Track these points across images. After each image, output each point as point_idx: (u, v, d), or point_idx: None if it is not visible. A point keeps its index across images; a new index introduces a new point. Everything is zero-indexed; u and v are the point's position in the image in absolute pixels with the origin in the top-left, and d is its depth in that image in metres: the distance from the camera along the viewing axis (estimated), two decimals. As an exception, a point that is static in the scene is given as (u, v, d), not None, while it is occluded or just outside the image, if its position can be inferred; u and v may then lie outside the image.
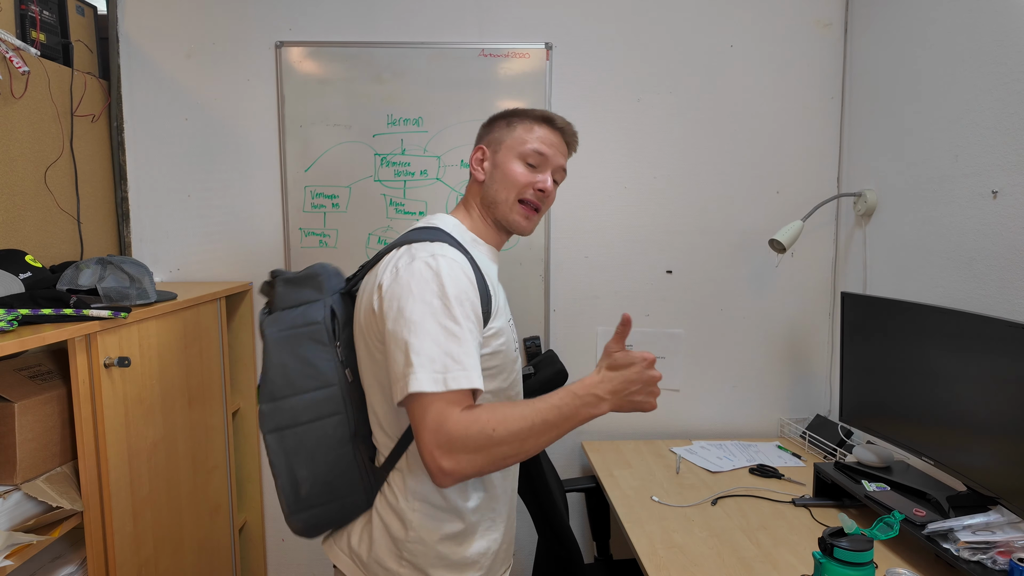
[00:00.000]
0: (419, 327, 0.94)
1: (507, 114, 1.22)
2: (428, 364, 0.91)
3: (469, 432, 0.89)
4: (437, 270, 0.98)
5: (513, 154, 1.18)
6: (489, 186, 1.19)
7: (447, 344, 0.93)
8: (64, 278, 1.40)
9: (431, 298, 0.96)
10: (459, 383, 0.91)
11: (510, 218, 1.18)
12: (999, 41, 1.49)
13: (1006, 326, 1.26)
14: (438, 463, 0.90)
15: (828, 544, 1.13)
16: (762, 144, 2.12)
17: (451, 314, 0.95)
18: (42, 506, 1.23)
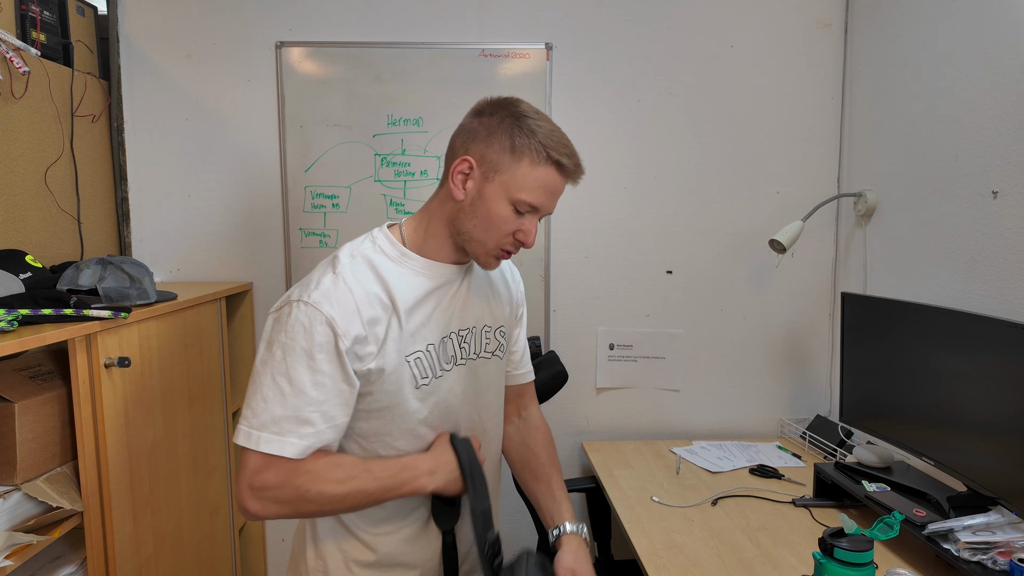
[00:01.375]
0: (257, 377, 0.94)
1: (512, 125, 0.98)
2: (251, 418, 0.92)
3: (282, 489, 0.92)
4: (291, 320, 0.93)
5: (505, 195, 0.98)
6: (467, 215, 1.00)
7: (272, 401, 0.92)
8: (64, 278, 1.40)
9: (275, 348, 0.94)
10: (269, 447, 0.91)
11: (480, 259, 1.05)
12: (999, 41, 1.49)
13: (1006, 326, 1.26)
14: (245, 504, 0.92)
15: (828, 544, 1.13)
16: (762, 144, 2.12)
17: (286, 370, 0.92)
18: (42, 506, 1.23)
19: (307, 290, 0.96)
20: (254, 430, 0.91)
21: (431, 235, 1.04)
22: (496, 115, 1.00)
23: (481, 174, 0.99)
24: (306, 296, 0.95)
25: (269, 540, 2.20)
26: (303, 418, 0.92)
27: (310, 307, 0.93)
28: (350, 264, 1.00)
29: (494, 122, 0.99)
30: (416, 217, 1.08)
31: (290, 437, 0.91)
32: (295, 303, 0.94)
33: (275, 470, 0.91)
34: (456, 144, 1.03)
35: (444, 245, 1.04)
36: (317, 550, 1.06)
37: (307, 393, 0.92)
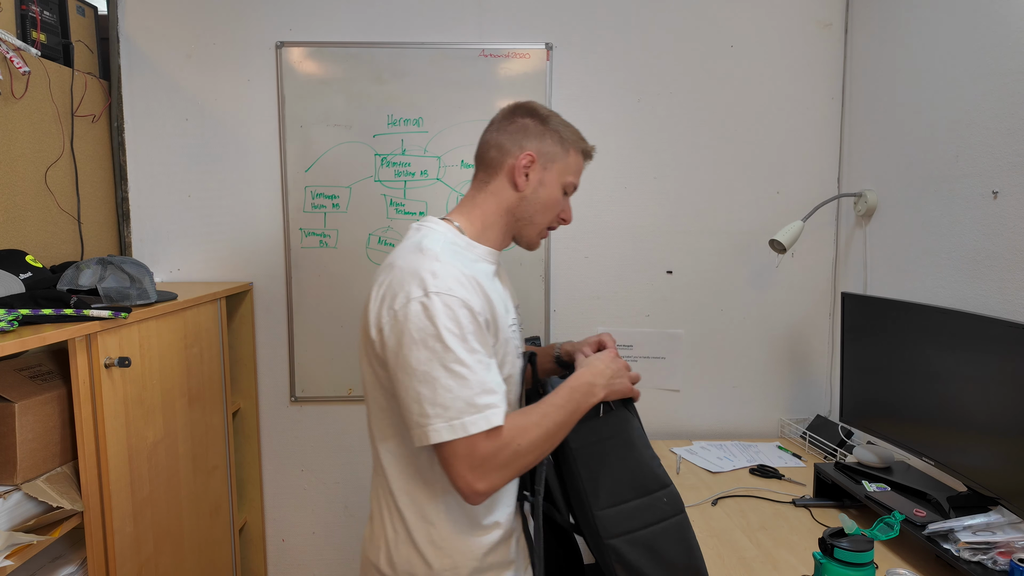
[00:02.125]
0: (426, 376, 0.96)
1: (554, 125, 1.16)
2: (443, 413, 0.94)
3: (499, 455, 0.97)
4: (433, 312, 0.96)
5: (560, 181, 1.16)
6: (529, 202, 1.15)
7: (458, 389, 0.95)
8: (64, 278, 1.40)
9: (432, 343, 0.96)
10: (478, 426, 0.95)
11: (533, 240, 1.19)
12: (999, 41, 1.49)
13: (1006, 326, 1.26)
14: (473, 486, 0.96)
15: (828, 544, 1.13)
16: (762, 144, 2.12)
17: (456, 356, 0.96)
18: (42, 506, 1.23)
19: (426, 282, 0.98)
20: (454, 420, 0.94)
21: (488, 225, 1.16)
22: (532, 116, 1.16)
23: (541, 165, 1.14)
24: (433, 287, 0.98)
25: (269, 540, 2.21)
26: (488, 390, 0.97)
27: (444, 295, 0.98)
28: (443, 251, 1.05)
29: (535, 123, 1.15)
30: (464, 213, 1.16)
31: (486, 411, 0.95)
32: (430, 295, 0.97)
33: (485, 443, 0.96)
34: (505, 143, 1.15)
35: (499, 233, 1.17)
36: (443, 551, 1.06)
37: (477, 370, 0.97)
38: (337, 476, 2.19)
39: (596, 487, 1.07)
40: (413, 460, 1.07)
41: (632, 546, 1.05)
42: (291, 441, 2.17)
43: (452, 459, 0.96)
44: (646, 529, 1.06)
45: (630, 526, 1.06)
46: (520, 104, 1.18)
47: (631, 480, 1.08)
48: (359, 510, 2.21)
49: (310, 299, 2.11)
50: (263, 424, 2.16)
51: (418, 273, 1.00)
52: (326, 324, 2.12)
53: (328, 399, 2.15)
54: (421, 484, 1.07)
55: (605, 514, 1.06)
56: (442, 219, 1.15)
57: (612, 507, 1.06)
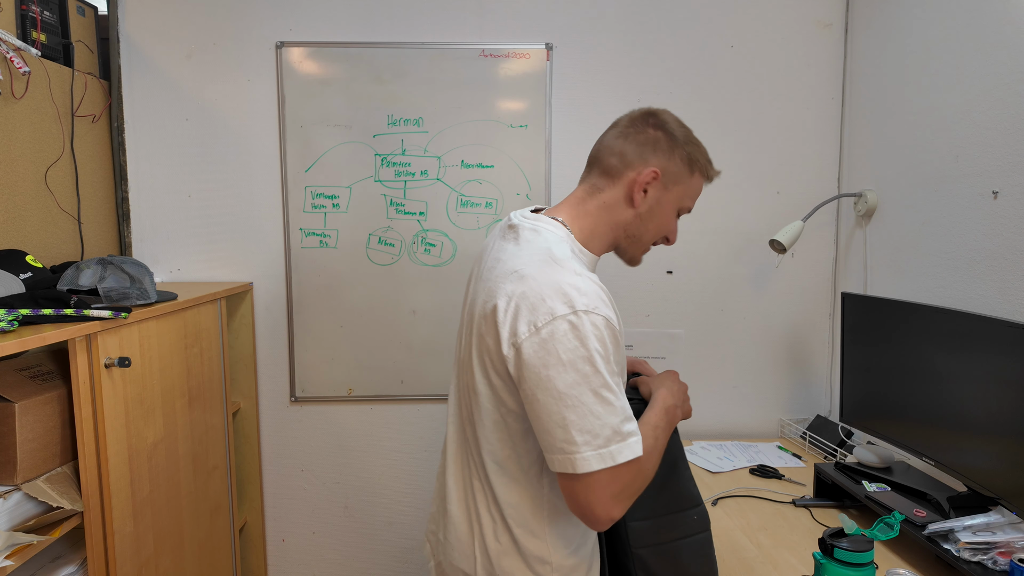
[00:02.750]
0: (575, 400, 0.91)
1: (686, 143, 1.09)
2: (592, 441, 0.90)
3: (634, 482, 0.95)
4: (583, 333, 0.91)
5: (678, 203, 1.11)
6: (644, 222, 1.09)
7: (605, 416, 0.91)
8: (65, 278, 1.40)
9: (582, 366, 0.91)
10: (624, 456, 0.91)
11: (636, 257, 1.15)
12: (999, 41, 1.49)
13: (1006, 326, 1.26)
14: (610, 513, 0.93)
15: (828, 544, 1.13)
16: (762, 144, 2.12)
17: (604, 380, 0.91)
18: (42, 506, 1.23)
19: (573, 300, 0.93)
20: (603, 449, 0.90)
21: (596, 235, 1.10)
22: (663, 129, 1.08)
23: (662, 184, 1.08)
24: (581, 305, 0.92)
25: (269, 540, 2.21)
26: (629, 416, 0.94)
27: (592, 315, 0.92)
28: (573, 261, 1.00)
29: (664, 136, 1.08)
30: (576, 217, 1.10)
31: (630, 439, 0.92)
32: (579, 314, 0.92)
33: (626, 471, 0.93)
34: (629, 154, 1.08)
35: (604, 244, 1.12)
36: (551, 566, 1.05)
37: (620, 395, 0.94)
38: (337, 476, 2.19)
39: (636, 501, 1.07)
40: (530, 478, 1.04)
41: (658, 556, 1.07)
42: (291, 441, 2.17)
43: (594, 487, 0.91)
44: (673, 543, 1.08)
45: (659, 539, 1.07)
46: (651, 112, 1.11)
47: (668, 498, 1.09)
48: (359, 510, 2.21)
49: (310, 299, 2.11)
50: (263, 424, 2.16)
51: (561, 287, 0.93)
52: (326, 324, 2.12)
53: (328, 399, 2.15)
54: (533, 501, 1.04)
55: (638, 525, 1.07)
56: (552, 217, 1.09)
57: (645, 520, 1.08)
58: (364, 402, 2.17)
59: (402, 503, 2.21)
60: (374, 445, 2.19)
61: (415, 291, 2.12)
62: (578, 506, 0.94)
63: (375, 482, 2.20)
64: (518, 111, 2.06)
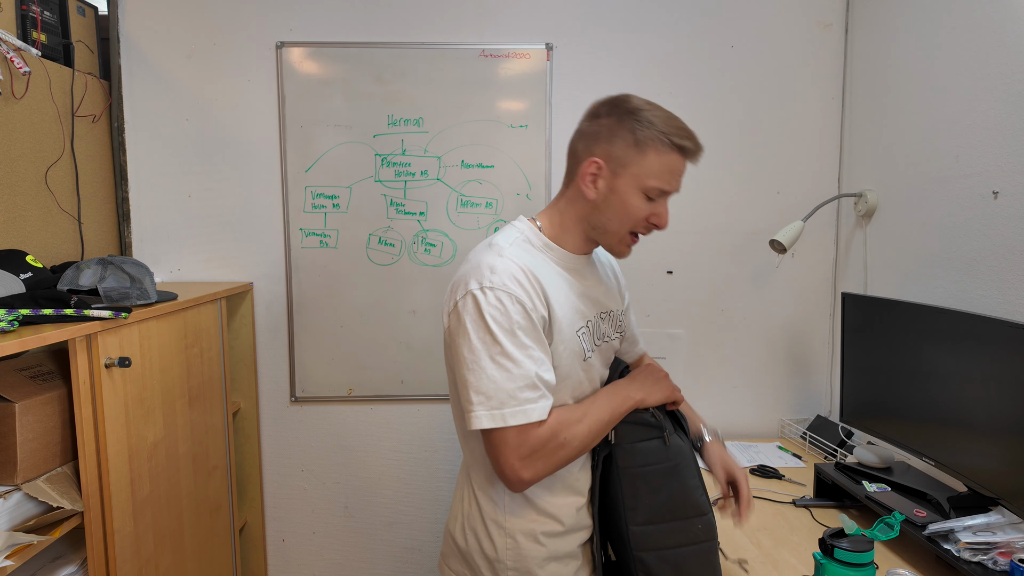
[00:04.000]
0: (474, 364, 1.00)
1: (631, 121, 1.05)
2: (485, 402, 0.99)
3: (547, 445, 1.01)
4: (483, 305, 1.00)
5: (636, 186, 1.06)
6: (601, 211, 1.09)
7: (501, 381, 0.98)
8: (65, 278, 1.40)
9: (482, 334, 1.00)
10: (516, 419, 0.98)
11: (614, 248, 1.14)
12: (999, 41, 1.49)
13: (1006, 326, 1.26)
14: (519, 474, 1.00)
15: (829, 545, 1.13)
16: (763, 144, 2.12)
17: (502, 348, 0.99)
18: (43, 506, 1.23)
19: (485, 277, 1.02)
20: (495, 410, 0.98)
21: (566, 230, 1.14)
22: (612, 115, 1.07)
23: (610, 171, 1.07)
24: (487, 282, 1.01)
25: (269, 540, 2.21)
26: (531, 384, 1.00)
27: (497, 290, 1.01)
28: (510, 249, 1.07)
29: (612, 122, 1.07)
30: (548, 214, 1.16)
31: (527, 405, 0.99)
32: (485, 290, 1.01)
33: (533, 434, 0.99)
34: (579, 148, 1.11)
35: (577, 238, 1.14)
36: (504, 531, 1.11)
37: (524, 364, 0.99)
38: (337, 476, 2.19)
39: (636, 504, 1.10)
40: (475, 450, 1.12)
41: (660, 562, 1.09)
42: (291, 441, 2.17)
43: (501, 446, 0.99)
44: (676, 549, 1.09)
45: (662, 544, 1.09)
46: (605, 100, 1.10)
47: (671, 505, 1.10)
48: (359, 510, 2.21)
49: (310, 299, 2.11)
50: (263, 424, 2.16)
51: (479, 267, 1.03)
52: (326, 324, 2.12)
53: (328, 399, 2.16)
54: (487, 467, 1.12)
55: (640, 529, 1.10)
56: (532, 217, 1.17)
57: (648, 524, 1.09)
58: (364, 402, 2.17)
59: (402, 503, 2.21)
60: (374, 445, 2.19)
61: (415, 291, 2.12)
62: (492, 464, 1.03)
63: (375, 482, 2.20)
64: (518, 111, 2.06)
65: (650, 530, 1.10)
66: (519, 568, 1.10)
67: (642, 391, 1.13)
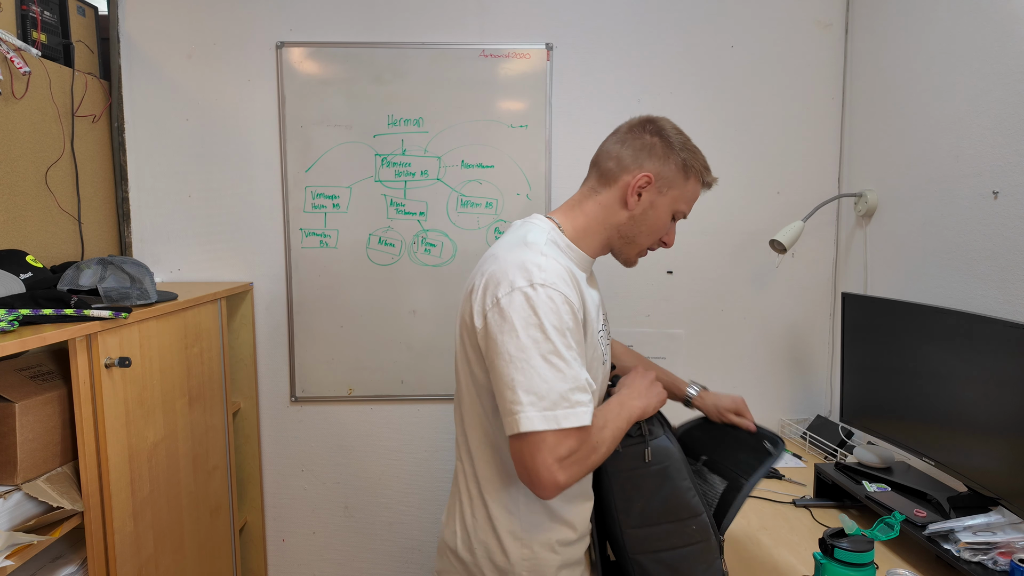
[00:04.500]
0: (525, 363, 0.96)
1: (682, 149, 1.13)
2: (537, 402, 0.95)
3: (580, 450, 0.97)
4: (536, 303, 0.97)
5: (671, 207, 1.14)
6: (637, 224, 1.14)
7: (554, 381, 0.96)
8: (65, 278, 1.40)
9: (534, 332, 0.97)
10: (569, 421, 0.95)
11: (631, 258, 1.20)
12: (1000, 41, 1.49)
13: (1006, 326, 1.26)
14: (555, 478, 0.95)
15: (829, 545, 1.13)
16: (763, 144, 2.12)
17: (554, 347, 0.96)
18: (43, 506, 1.23)
19: (534, 274, 1.00)
20: (548, 411, 0.95)
21: (589, 234, 1.15)
22: (658, 135, 1.13)
23: (656, 188, 1.12)
24: (539, 279, 0.99)
25: (269, 540, 2.21)
26: (582, 387, 0.98)
27: (548, 288, 0.99)
28: (548, 248, 1.07)
29: (661, 143, 1.12)
30: (569, 215, 1.16)
31: (579, 408, 0.96)
32: (535, 287, 0.98)
33: (573, 438, 0.96)
34: (625, 158, 1.13)
35: (596, 243, 1.16)
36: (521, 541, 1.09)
37: (573, 365, 0.98)
38: (337, 476, 2.19)
39: (628, 507, 1.10)
40: (503, 454, 1.09)
41: (657, 564, 1.10)
42: (291, 441, 2.17)
43: (539, 449, 0.95)
44: (673, 551, 1.09)
45: (657, 546, 1.10)
46: (650, 119, 1.15)
47: (663, 508, 1.10)
48: (359, 510, 2.21)
49: (310, 299, 2.11)
50: (263, 424, 2.16)
51: (524, 264, 1.01)
52: (326, 324, 2.12)
53: (328, 399, 2.15)
54: (507, 476, 1.09)
55: (634, 533, 1.10)
56: (547, 216, 1.17)
57: (642, 527, 1.10)
58: (364, 402, 2.17)
59: (402, 503, 2.21)
60: (374, 445, 2.19)
61: (415, 291, 2.12)
62: (524, 468, 0.97)
63: (375, 482, 2.20)
64: (518, 111, 2.06)
65: (645, 533, 1.10)
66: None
67: (645, 400, 1.13)
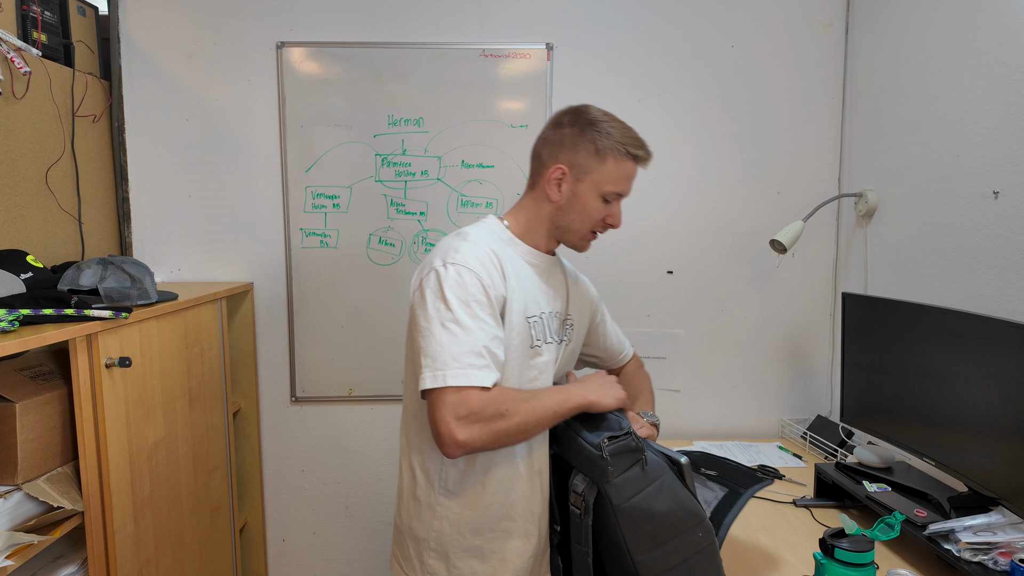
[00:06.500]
0: (427, 331, 1.05)
1: (592, 131, 1.16)
2: (431, 364, 1.03)
3: (485, 409, 1.02)
4: (443, 278, 1.07)
5: (596, 191, 1.18)
6: (564, 213, 1.20)
7: (448, 345, 1.03)
8: (65, 278, 1.40)
9: (438, 303, 1.06)
10: (457, 380, 1.01)
11: (576, 244, 1.24)
12: (1000, 41, 1.49)
13: (1007, 326, 1.26)
14: (454, 434, 1.00)
15: (829, 545, 1.13)
16: (763, 144, 2.12)
17: (453, 316, 1.04)
18: (43, 506, 1.23)
19: (449, 255, 1.10)
20: (439, 371, 1.02)
21: (531, 228, 1.23)
22: (575, 125, 1.18)
23: (573, 177, 1.18)
24: (451, 259, 1.09)
25: (269, 540, 2.21)
26: (477, 351, 1.04)
27: (459, 266, 1.08)
28: (477, 235, 1.16)
29: (575, 132, 1.17)
30: (514, 213, 1.25)
31: (471, 369, 1.02)
32: (447, 266, 1.08)
33: (474, 396, 1.02)
34: (544, 154, 1.21)
35: (542, 236, 1.23)
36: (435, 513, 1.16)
37: (474, 333, 1.04)
38: (337, 476, 2.19)
39: (638, 536, 1.07)
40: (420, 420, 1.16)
41: None
42: (291, 441, 2.17)
43: (439, 406, 1.01)
44: (683, 563, 1.08)
45: (669, 564, 1.08)
46: (567, 110, 1.20)
47: (670, 522, 1.08)
48: (359, 510, 2.21)
49: (310, 299, 2.11)
50: (263, 424, 2.16)
51: (445, 249, 1.12)
52: (326, 324, 2.12)
53: (328, 399, 2.16)
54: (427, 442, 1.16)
55: (646, 557, 1.07)
56: (500, 216, 1.25)
57: (652, 550, 1.08)
58: (364, 402, 2.17)
59: (402, 503, 2.21)
60: (374, 445, 2.19)
61: (415, 291, 2.12)
62: (431, 427, 1.04)
63: (375, 482, 2.20)
64: (518, 111, 2.06)
65: (656, 555, 1.07)
66: (439, 551, 1.15)
67: (596, 393, 1.15)
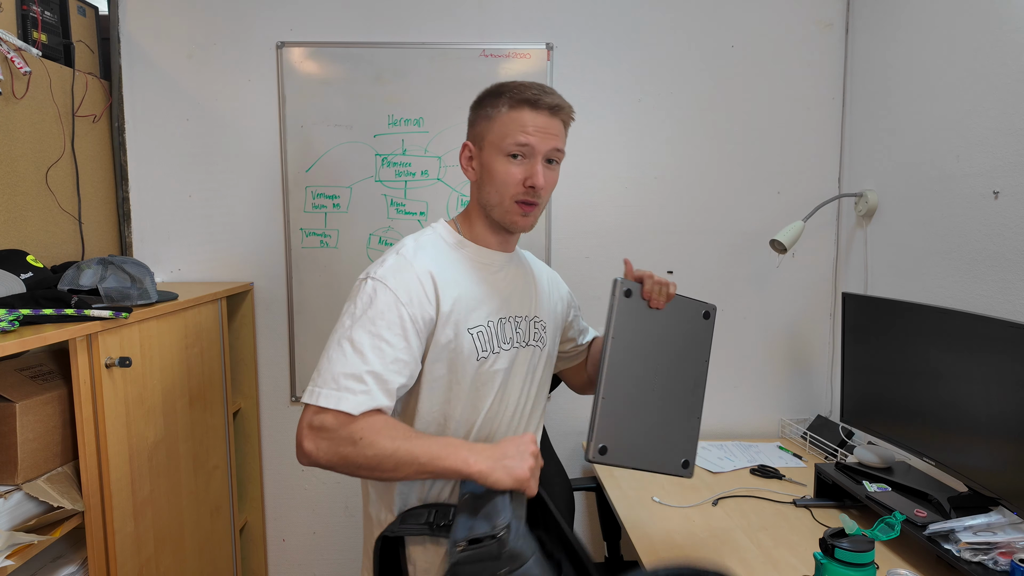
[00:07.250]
0: (329, 341, 1.04)
1: (485, 98, 1.14)
2: (316, 378, 1.00)
3: (338, 431, 0.96)
4: (359, 292, 1.05)
5: (497, 152, 1.10)
6: (483, 188, 1.14)
7: (335, 363, 1.00)
8: (65, 278, 1.40)
9: (345, 318, 1.04)
10: (325, 401, 0.97)
11: (507, 220, 1.14)
12: (1000, 41, 1.49)
13: (1007, 326, 1.26)
14: (301, 441, 0.98)
15: (829, 545, 1.13)
16: (763, 144, 2.12)
17: (350, 334, 1.01)
18: (43, 506, 1.23)
19: (375, 267, 1.08)
20: (317, 387, 0.99)
21: (474, 222, 1.19)
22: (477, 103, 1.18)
23: (477, 148, 1.16)
24: (374, 272, 1.07)
25: (269, 540, 2.21)
26: (359, 377, 0.99)
27: (376, 281, 1.05)
28: (414, 247, 1.12)
29: (473, 107, 1.19)
30: (463, 214, 1.22)
31: (346, 393, 0.98)
32: (369, 279, 1.06)
33: (333, 416, 0.97)
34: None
35: (485, 229, 1.19)
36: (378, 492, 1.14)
37: (366, 355, 1.00)
38: (337, 476, 2.19)
39: None
40: None
41: None
42: (291, 441, 2.17)
43: (304, 413, 0.99)
44: None
45: None
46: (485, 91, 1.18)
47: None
48: (359, 510, 2.21)
49: (311, 299, 2.11)
50: (263, 424, 2.16)
51: (380, 260, 1.10)
52: (327, 324, 2.12)
53: (329, 399, 2.15)
54: None
55: None
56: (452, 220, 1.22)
57: None
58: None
59: (402, 503, 2.21)
60: (374, 445, 2.18)
61: (415, 291, 2.12)
62: None
63: (375, 482, 2.20)
64: (518, 111, 2.06)
65: None
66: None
67: (486, 463, 0.95)
